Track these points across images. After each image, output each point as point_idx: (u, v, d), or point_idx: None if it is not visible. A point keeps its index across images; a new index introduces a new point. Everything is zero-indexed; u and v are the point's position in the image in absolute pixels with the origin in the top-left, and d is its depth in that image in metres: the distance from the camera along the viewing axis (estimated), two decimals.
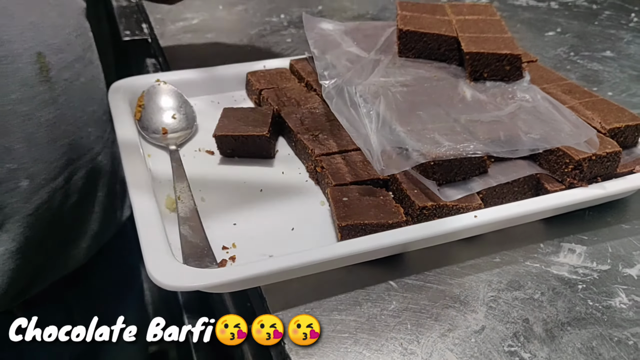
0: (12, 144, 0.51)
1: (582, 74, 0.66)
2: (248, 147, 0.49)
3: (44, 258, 0.58)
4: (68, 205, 0.58)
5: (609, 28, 0.79)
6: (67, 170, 0.56)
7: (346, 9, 0.85)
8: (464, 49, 0.50)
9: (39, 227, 0.55)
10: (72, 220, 0.59)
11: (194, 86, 0.58)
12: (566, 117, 0.43)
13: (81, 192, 0.59)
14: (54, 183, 0.55)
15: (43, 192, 0.54)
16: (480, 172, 0.42)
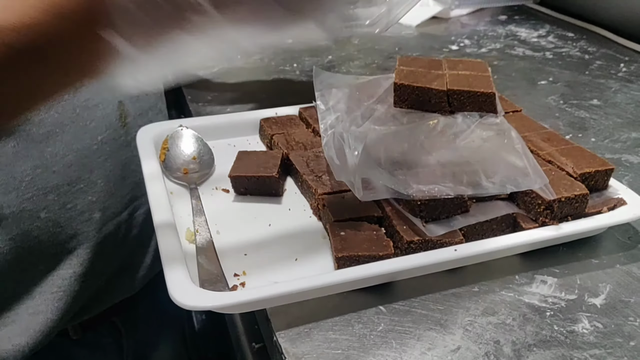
0: (96, 179, 0.60)
1: (569, 121, 0.72)
2: (259, 187, 0.55)
3: (103, 284, 0.66)
4: (129, 237, 0.66)
5: (599, 77, 0.85)
6: (131, 205, 0.65)
7: (354, 58, 0.92)
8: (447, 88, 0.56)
9: (104, 255, 0.63)
10: (131, 251, 0.68)
11: (213, 131, 0.64)
12: (527, 160, 0.49)
13: (141, 226, 0.68)
14: (120, 216, 0.64)
15: (111, 224, 0.63)
16: (462, 211, 0.48)
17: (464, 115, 0.57)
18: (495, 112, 0.57)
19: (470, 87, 0.57)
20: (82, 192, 0.60)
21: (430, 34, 1.06)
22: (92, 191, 0.61)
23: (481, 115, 0.57)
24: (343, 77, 0.66)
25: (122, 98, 0.63)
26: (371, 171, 0.48)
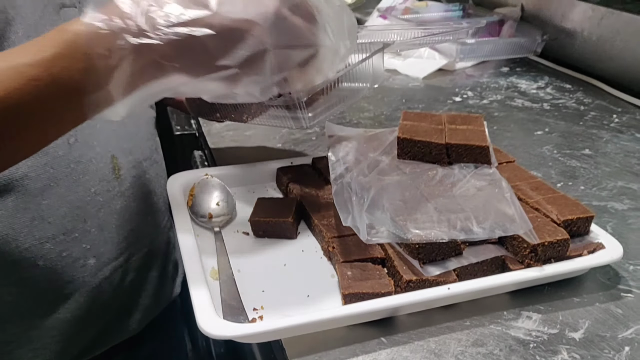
0: (89, 228, 0.64)
1: (561, 170, 0.78)
2: (276, 230, 0.62)
3: (102, 326, 0.69)
4: (126, 281, 0.69)
5: (592, 128, 0.91)
6: (127, 251, 0.69)
7: (364, 109, 0.99)
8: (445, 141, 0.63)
9: (100, 300, 0.66)
10: (129, 294, 0.70)
11: (235, 178, 0.71)
12: (515, 208, 0.55)
13: (138, 271, 0.71)
14: (115, 262, 0.67)
15: (106, 269, 0.66)
16: (456, 253, 0.54)
17: (461, 166, 0.64)
18: (489, 163, 0.64)
19: (467, 140, 0.64)
20: (77, 241, 0.63)
21: (436, 85, 1.13)
22: (86, 239, 0.64)
23: (476, 166, 0.64)
24: (352, 131, 0.73)
25: (115, 152, 0.66)
26: (375, 217, 0.55)
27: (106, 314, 0.69)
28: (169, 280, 0.79)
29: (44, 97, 0.42)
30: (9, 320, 0.61)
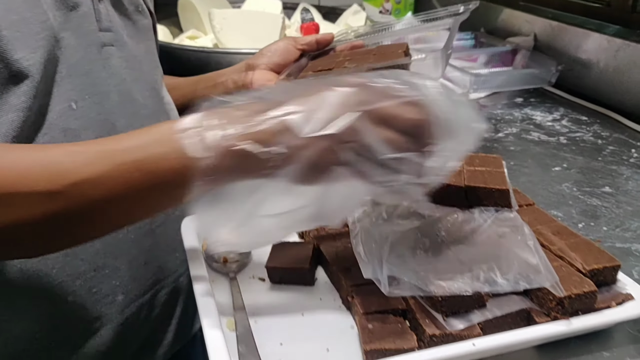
0: (120, 264, 0.64)
1: (582, 209, 0.76)
2: (293, 276, 0.60)
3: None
4: (151, 317, 0.70)
5: (611, 164, 0.90)
6: (154, 288, 0.69)
7: None
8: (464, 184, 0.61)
9: (126, 335, 0.67)
10: (153, 330, 0.71)
11: None
12: (539, 257, 0.53)
13: (163, 306, 0.71)
14: (142, 299, 0.68)
15: (133, 306, 0.67)
16: (480, 305, 0.52)
17: (481, 209, 0.62)
18: (510, 206, 0.62)
19: (486, 183, 0.62)
20: (107, 277, 0.64)
21: None
22: (116, 276, 0.65)
23: (497, 210, 0.62)
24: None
25: None
26: (396, 268, 0.53)
27: (130, 349, 0.69)
28: (190, 316, 0.79)
29: (133, 184, 0.43)
30: (35, 355, 0.61)
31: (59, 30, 0.56)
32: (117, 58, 0.64)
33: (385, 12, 1.57)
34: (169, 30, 1.43)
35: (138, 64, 0.68)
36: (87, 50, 0.60)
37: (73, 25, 0.58)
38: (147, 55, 0.71)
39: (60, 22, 0.57)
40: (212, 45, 1.36)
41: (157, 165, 0.43)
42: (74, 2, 0.59)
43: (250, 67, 0.80)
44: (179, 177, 0.43)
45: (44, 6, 0.54)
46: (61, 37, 0.57)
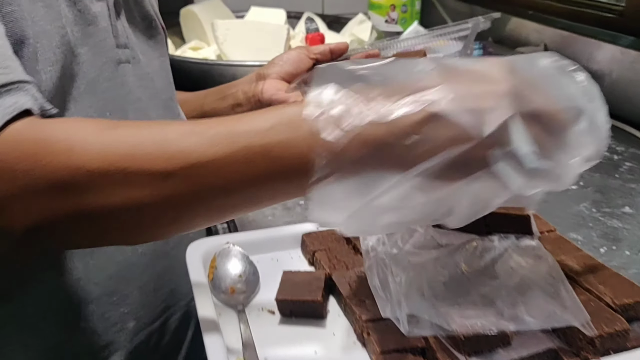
0: (130, 291, 0.62)
1: (603, 232, 0.73)
2: (304, 309, 0.57)
3: None
4: (161, 344, 0.68)
5: (630, 182, 0.87)
6: (165, 313, 0.67)
7: None
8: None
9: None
10: (163, 357, 0.69)
11: (257, 246, 0.67)
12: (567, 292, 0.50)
13: (173, 333, 0.69)
14: (152, 326, 0.66)
15: (143, 333, 0.65)
16: (504, 344, 0.49)
17: (501, 236, 0.59)
18: (531, 233, 0.59)
19: (506, 209, 0.59)
20: (119, 303, 0.62)
21: None
22: (126, 302, 0.63)
23: (517, 237, 0.59)
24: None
25: None
26: (415, 305, 0.50)
27: None
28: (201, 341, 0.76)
29: (254, 169, 0.39)
30: None
31: (77, 45, 0.55)
32: (132, 75, 0.63)
33: (391, 22, 1.54)
34: (171, 41, 1.41)
35: (152, 81, 0.67)
36: (105, 66, 0.59)
37: (91, 40, 0.57)
38: (160, 72, 0.70)
39: (77, 37, 0.55)
40: (216, 57, 1.33)
41: (284, 151, 0.39)
42: (92, 17, 0.57)
43: (261, 77, 0.78)
44: (308, 165, 0.39)
45: (63, 20, 0.53)
46: (78, 52, 0.55)
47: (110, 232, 0.42)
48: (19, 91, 0.42)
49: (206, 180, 0.39)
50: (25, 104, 0.42)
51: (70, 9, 0.55)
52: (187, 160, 0.39)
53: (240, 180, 0.40)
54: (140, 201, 0.39)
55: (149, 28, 0.69)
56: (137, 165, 0.39)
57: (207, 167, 0.39)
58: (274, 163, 0.39)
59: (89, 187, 0.39)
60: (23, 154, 0.39)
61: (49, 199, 0.39)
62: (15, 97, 0.41)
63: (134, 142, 0.40)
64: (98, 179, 0.39)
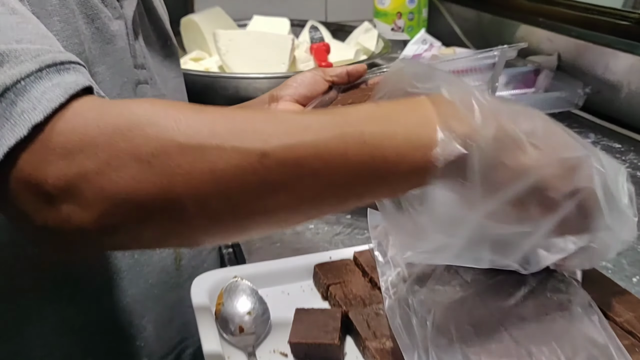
0: (145, 324, 0.60)
1: (633, 259, 0.69)
2: (319, 352, 0.53)
3: None
4: None
5: None
6: (178, 348, 0.65)
7: None
8: None
9: None
10: None
11: (266, 278, 0.63)
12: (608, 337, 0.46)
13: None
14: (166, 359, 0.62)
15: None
16: None
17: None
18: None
19: None
20: (132, 338, 0.60)
21: None
22: (141, 336, 0.61)
23: (547, 271, 0.55)
24: (398, 220, 0.65)
25: None
26: (443, 352, 0.46)
27: None
28: None
29: (359, 161, 0.38)
30: None
31: (94, 63, 0.53)
32: (150, 97, 0.62)
33: (397, 30, 1.50)
34: None
35: None
36: (123, 87, 0.56)
37: (109, 59, 0.55)
38: (175, 94, 0.67)
39: (95, 54, 0.53)
40: (217, 68, 1.29)
41: (397, 148, 0.38)
42: (111, 35, 0.55)
43: (274, 99, 0.74)
44: (418, 171, 0.38)
45: (81, 37, 0.51)
46: (95, 71, 0.53)
47: (191, 220, 0.37)
48: (76, 71, 0.39)
49: (303, 163, 0.37)
50: (85, 82, 0.38)
51: (88, 26, 0.53)
52: (285, 141, 0.36)
53: (337, 169, 0.37)
54: (231, 183, 0.36)
55: (164, 47, 0.67)
56: (233, 142, 0.36)
57: (305, 150, 0.36)
58: (376, 158, 0.38)
59: (178, 164, 0.35)
60: (103, 127, 0.35)
61: (134, 173, 0.35)
62: (74, 75, 0.38)
63: (226, 120, 0.37)
64: (189, 153, 0.35)
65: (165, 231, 0.38)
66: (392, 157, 0.38)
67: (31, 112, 0.35)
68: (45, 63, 0.37)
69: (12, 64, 0.36)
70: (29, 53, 0.37)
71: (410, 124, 0.39)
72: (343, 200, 0.40)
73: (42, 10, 0.47)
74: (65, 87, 0.37)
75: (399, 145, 0.38)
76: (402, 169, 0.38)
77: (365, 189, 0.40)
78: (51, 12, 0.48)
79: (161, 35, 0.67)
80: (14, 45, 0.37)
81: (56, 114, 0.36)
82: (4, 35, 0.38)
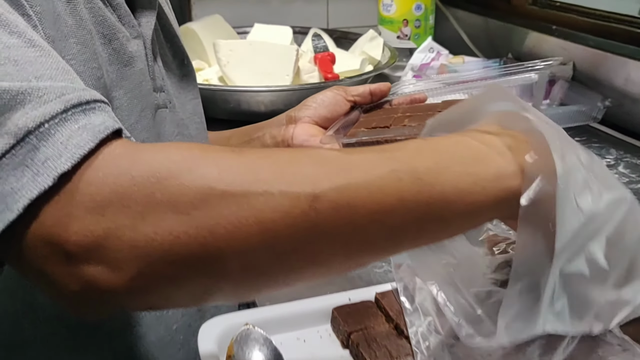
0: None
1: None
2: None
3: None
4: None
5: None
6: None
7: None
8: None
9: None
10: None
11: (280, 323, 0.57)
12: None
13: None
14: None
15: None
16: None
17: None
18: None
19: None
20: None
21: None
22: None
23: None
24: (425, 259, 0.59)
25: None
26: None
27: None
28: None
29: (406, 195, 0.34)
30: None
31: (112, 88, 0.48)
32: (169, 122, 0.57)
33: (403, 37, 1.44)
34: None
35: (186, 128, 0.60)
36: (142, 114, 0.52)
37: (127, 83, 0.50)
38: (193, 117, 0.62)
39: (112, 78, 0.49)
40: (218, 78, 1.23)
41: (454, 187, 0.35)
42: (129, 57, 0.51)
43: (291, 120, 0.69)
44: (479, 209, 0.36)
45: (99, 59, 0.46)
46: (113, 96, 0.48)
47: (234, 275, 0.34)
48: (102, 111, 0.35)
49: (356, 205, 0.34)
50: (114, 124, 0.35)
51: (105, 47, 0.48)
52: (337, 182, 0.34)
53: (392, 209, 0.34)
54: (279, 232, 0.32)
55: (180, 66, 0.62)
56: (281, 186, 0.33)
57: (357, 190, 0.34)
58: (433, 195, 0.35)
59: (221, 215, 0.31)
60: (137, 175, 0.32)
61: (172, 227, 0.31)
62: (101, 116, 0.35)
63: (271, 163, 0.34)
64: (233, 201, 0.32)
65: (204, 289, 0.34)
66: (450, 194, 0.35)
67: (56, 159, 0.31)
68: (70, 103, 0.33)
69: (35, 104, 0.32)
70: (53, 92, 0.33)
71: (466, 156, 0.36)
72: (398, 243, 0.37)
73: (58, 33, 0.42)
74: (93, 130, 0.33)
75: (458, 180, 0.35)
76: (461, 206, 0.35)
77: (421, 229, 0.37)
78: (67, 34, 0.43)
79: (177, 53, 0.62)
80: (35, 82, 0.33)
81: (85, 161, 0.32)
82: (23, 71, 0.34)
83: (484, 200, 0.35)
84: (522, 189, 0.35)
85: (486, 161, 0.36)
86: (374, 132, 0.59)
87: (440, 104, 0.63)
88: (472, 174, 0.35)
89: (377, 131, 0.59)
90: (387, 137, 0.56)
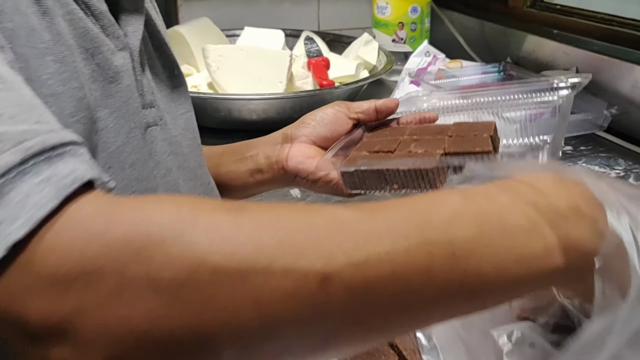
0: None
1: None
2: None
3: None
4: None
5: None
6: None
7: None
8: None
9: None
10: None
11: None
12: None
13: None
14: None
15: None
16: None
17: None
18: None
19: None
20: None
21: None
22: None
23: None
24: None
25: None
26: None
27: None
28: None
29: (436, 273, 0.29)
30: None
31: (95, 108, 0.43)
32: (160, 141, 0.51)
33: (399, 41, 1.40)
34: None
35: (179, 146, 0.54)
36: (130, 135, 0.46)
37: (112, 102, 0.45)
38: (186, 134, 0.56)
39: (96, 97, 0.43)
40: (207, 85, 1.18)
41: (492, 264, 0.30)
42: (114, 73, 0.45)
43: (287, 139, 0.63)
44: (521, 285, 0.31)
45: (80, 78, 0.41)
46: (97, 117, 0.43)
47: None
48: (73, 156, 0.30)
49: (376, 286, 0.28)
50: (85, 173, 0.29)
51: (87, 62, 0.43)
52: (355, 257, 0.28)
53: (419, 289, 0.29)
54: (280, 316, 0.27)
55: (171, 77, 0.56)
56: (286, 260, 0.27)
57: (379, 267, 0.28)
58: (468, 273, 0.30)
59: (212, 295, 0.26)
60: (110, 243, 0.26)
61: (151, 307, 0.26)
62: (70, 163, 0.29)
63: (276, 228, 0.29)
64: (227, 280, 0.26)
65: None
66: (488, 271, 0.30)
67: (10, 224, 0.25)
68: (31, 151, 0.27)
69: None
70: (10, 139, 0.27)
71: (511, 225, 0.31)
72: (424, 321, 0.33)
73: (32, 50, 0.37)
74: (57, 184, 0.27)
75: (499, 256, 0.30)
76: (500, 283, 0.31)
77: (450, 308, 0.32)
78: (43, 51, 0.38)
79: (167, 63, 0.56)
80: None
81: (46, 223, 0.26)
82: None
83: (525, 276, 0.31)
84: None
85: (533, 234, 0.31)
86: (376, 158, 0.54)
87: (452, 127, 0.58)
88: (516, 249, 0.31)
89: (379, 157, 0.54)
90: (390, 167, 0.51)
